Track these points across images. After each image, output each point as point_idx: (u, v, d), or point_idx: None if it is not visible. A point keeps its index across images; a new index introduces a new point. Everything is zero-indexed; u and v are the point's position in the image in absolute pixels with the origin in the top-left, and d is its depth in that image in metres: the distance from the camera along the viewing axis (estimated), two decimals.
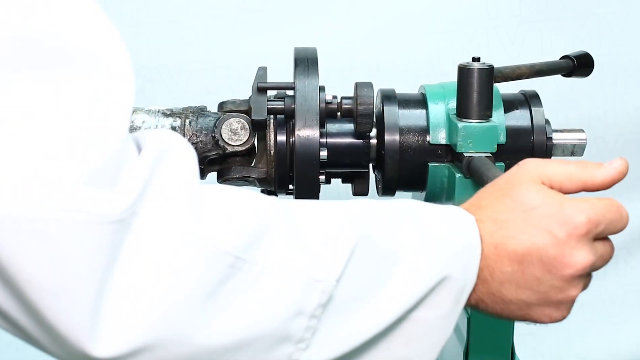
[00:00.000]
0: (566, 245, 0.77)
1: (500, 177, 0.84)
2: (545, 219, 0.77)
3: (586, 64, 1.21)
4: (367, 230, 0.74)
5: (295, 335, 0.70)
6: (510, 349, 1.09)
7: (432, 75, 1.61)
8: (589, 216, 0.78)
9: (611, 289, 1.97)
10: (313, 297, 0.70)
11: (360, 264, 0.72)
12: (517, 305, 0.79)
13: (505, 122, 1.11)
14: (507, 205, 0.79)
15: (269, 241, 0.69)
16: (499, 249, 0.77)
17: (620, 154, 1.95)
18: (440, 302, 0.75)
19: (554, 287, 0.78)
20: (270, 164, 1.11)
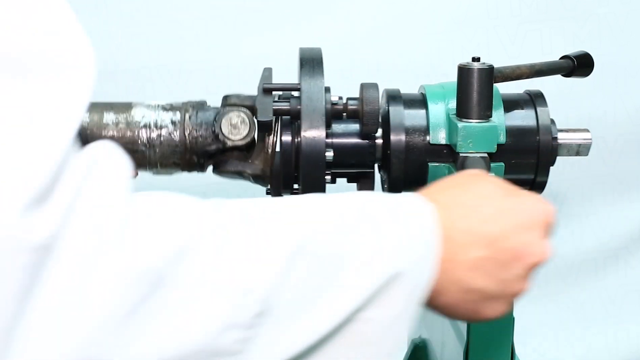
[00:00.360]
0: (537, 232, 0.77)
1: (455, 175, 0.83)
2: (519, 205, 0.77)
3: (586, 64, 1.21)
4: (311, 231, 0.71)
5: (228, 348, 0.67)
6: (510, 349, 1.09)
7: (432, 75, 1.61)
8: (550, 212, 0.79)
9: (611, 289, 1.97)
10: (247, 308, 0.67)
11: (302, 268, 0.69)
12: (476, 295, 0.76)
13: (506, 122, 1.11)
14: (477, 192, 0.78)
15: (199, 253, 0.66)
16: (471, 232, 0.75)
17: (620, 154, 1.97)
18: (392, 300, 0.72)
19: (517, 275, 0.77)
20: (267, 162, 1.11)
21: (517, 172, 1.12)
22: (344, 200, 0.75)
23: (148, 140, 1.12)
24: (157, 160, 1.13)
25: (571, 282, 1.96)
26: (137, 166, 1.14)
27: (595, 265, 1.97)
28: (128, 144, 1.12)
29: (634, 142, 1.90)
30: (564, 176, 1.87)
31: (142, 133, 1.12)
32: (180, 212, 0.68)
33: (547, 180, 1.15)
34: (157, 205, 0.68)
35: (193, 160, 1.13)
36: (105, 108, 1.14)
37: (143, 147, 1.12)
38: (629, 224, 1.96)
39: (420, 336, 1.38)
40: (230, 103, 1.13)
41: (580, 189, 1.92)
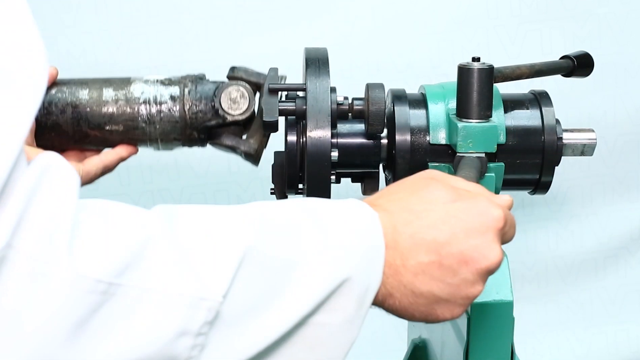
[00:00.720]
0: (485, 237, 0.76)
1: (408, 178, 0.82)
2: (466, 210, 0.76)
3: (586, 64, 1.21)
4: (259, 237, 0.71)
5: (180, 355, 0.67)
6: (510, 349, 1.09)
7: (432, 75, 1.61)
8: (503, 212, 0.78)
9: (611, 289, 1.97)
10: (198, 316, 0.67)
11: (251, 274, 0.70)
12: (427, 299, 0.76)
13: (512, 122, 1.11)
14: (424, 197, 0.77)
15: (148, 262, 0.66)
16: (417, 237, 0.75)
17: (620, 154, 1.97)
18: (342, 305, 0.72)
19: (466, 280, 0.76)
20: (261, 143, 1.11)
21: (522, 172, 1.13)
22: (290, 207, 0.76)
23: (148, 116, 1.11)
24: (158, 137, 1.12)
25: (571, 282, 1.96)
26: (137, 142, 1.14)
27: (595, 265, 1.97)
28: (128, 121, 1.11)
29: (634, 142, 1.90)
30: (564, 176, 1.87)
31: (141, 109, 1.11)
32: (128, 222, 0.68)
33: (552, 180, 1.15)
34: (105, 215, 0.68)
35: (193, 135, 1.12)
36: (104, 84, 1.13)
37: (143, 123, 1.11)
38: (629, 224, 1.96)
39: (420, 336, 1.38)
40: (236, 76, 1.13)
41: (580, 189, 1.92)
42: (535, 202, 1.90)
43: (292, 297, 0.71)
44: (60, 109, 1.11)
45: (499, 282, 1.06)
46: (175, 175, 1.63)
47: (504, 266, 1.06)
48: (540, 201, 1.90)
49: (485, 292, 1.05)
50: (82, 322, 0.63)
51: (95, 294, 0.63)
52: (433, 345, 1.30)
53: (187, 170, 1.15)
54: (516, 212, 0.83)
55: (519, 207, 1.89)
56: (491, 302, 1.05)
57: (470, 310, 1.05)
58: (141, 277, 0.66)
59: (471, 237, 0.75)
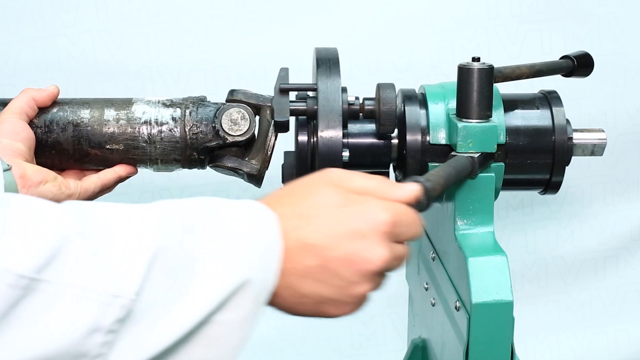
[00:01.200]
0: (368, 240, 0.79)
1: (302, 179, 0.85)
2: (350, 216, 0.80)
3: (586, 64, 1.21)
4: (168, 237, 0.73)
5: (91, 351, 0.69)
6: (510, 349, 1.09)
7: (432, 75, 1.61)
8: (390, 215, 0.80)
9: (611, 289, 1.97)
10: (111, 313, 0.69)
11: (160, 273, 0.72)
12: (312, 299, 0.81)
13: (521, 122, 1.12)
14: (313, 203, 0.81)
15: (67, 258, 0.68)
16: (303, 242, 0.79)
17: (621, 154, 1.97)
18: (240, 304, 0.76)
19: (350, 281, 0.80)
20: (264, 163, 1.11)
21: (533, 171, 1.13)
22: (194, 206, 0.79)
23: (149, 136, 1.12)
24: (158, 157, 1.13)
25: (571, 282, 1.96)
26: (137, 163, 1.14)
27: (595, 265, 1.97)
28: (129, 140, 1.12)
29: (634, 142, 1.90)
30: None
31: (142, 129, 1.12)
32: (48, 218, 0.70)
33: (562, 180, 1.15)
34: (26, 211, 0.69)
35: (193, 156, 1.13)
36: (106, 104, 1.14)
37: (144, 143, 1.12)
38: (629, 224, 1.96)
39: (420, 336, 1.38)
40: (235, 99, 1.13)
41: (580, 189, 1.92)
42: (535, 202, 1.90)
43: (196, 296, 0.74)
44: (62, 127, 1.12)
45: (499, 282, 1.06)
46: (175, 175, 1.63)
47: (504, 266, 1.06)
48: (540, 201, 1.90)
49: (485, 292, 1.05)
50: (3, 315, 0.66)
51: (17, 289, 0.66)
52: (433, 345, 1.30)
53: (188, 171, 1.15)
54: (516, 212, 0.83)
55: (519, 207, 1.89)
56: (491, 302, 1.05)
57: (470, 310, 1.05)
58: (60, 273, 0.68)
59: (354, 240, 0.79)
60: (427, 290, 1.27)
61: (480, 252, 1.07)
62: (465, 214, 1.10)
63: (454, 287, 1.12)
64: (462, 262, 1.07)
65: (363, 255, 0.79)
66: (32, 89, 1.12)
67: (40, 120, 1.12)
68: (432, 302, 1.24)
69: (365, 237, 0.79)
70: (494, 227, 1.12)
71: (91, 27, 1.73)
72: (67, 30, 1.72)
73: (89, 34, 1.73)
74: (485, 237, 1.10)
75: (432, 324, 1.27)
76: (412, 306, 1.44)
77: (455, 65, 1.09)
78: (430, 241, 1.25)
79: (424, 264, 1.29)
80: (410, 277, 1.41)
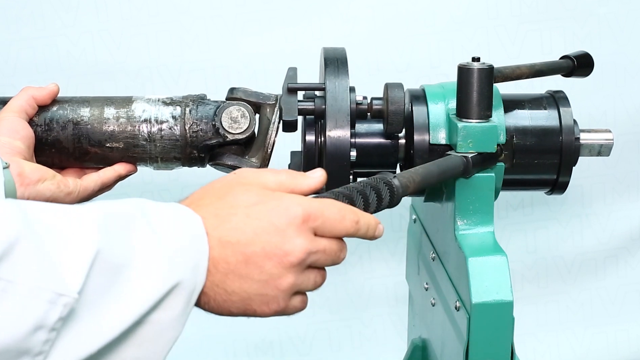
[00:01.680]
0: (285, 233, 0.82)
1: (217, 181, 0.87)
2: (266, 211, 0.82)
3: (586, 64, 1.21)
4: (105, 238, 0.75)
5: (34, 348, 0.71)
6: (510, 349, 1.09)
7: (432, 75, 1.61)
8: (304, 208, 0.83)
9: (611, 289, 1.97)
10: (55, 311, 0.71)
11: (99, 274, 0.74)
12: (239, 296, 0.82)
13: (528, 123, 1.12)
14: (229, 202, 0.83)
15: (15, 256, 0.69)
16: (223, 241, 0.81)
17: (620, 154, 1.97)
18: (172, 304, 0.78)
19: (273, 275, 0.82)
20: (264, 161, 1.11)
21: (540, 172, 1.13)
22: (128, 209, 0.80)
23: (149, 134, 1.12)
24: (158, 155, 1.13)
25: (571, 282, 1.96)
26: (137, 161, 1.14)
27: (595, 265, 1.97)
28: (129, 138, 1.12)
29: (634, 142, 1.90)
30: None
31: (142, 127, 1.12)
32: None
33: (569, 180, 1.15)
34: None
35: (193, 154, 1.13)
36: (106, 102, 1.14)
37: (144, 141, 1.12)
38: (629, 224, 1.95)
39: (420, 336, 1.38)
40: (235, 97, 1.13)
41: (580, 189, 1.92)
42: (535, 202, 1.90)
43: (132, 297, 0.76)
44: (62, 125, 1.12)
45: (499, 282, 1.06)
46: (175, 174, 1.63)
47: (504, 266, 1.06)
48: (541, 201, 1.90)
49: (485, 292, 1.05)
50: None
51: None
52: (433, 345, 1.30)
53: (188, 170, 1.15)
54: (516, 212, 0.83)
55: (519, 207, 1.89)
56: (491, 302, 1.05)
57: (470, 310, 1.05)
58: (10, 270, 0.69)
59: (271, 234, 0.82)
60: (427, 290, 1.27)
61: (480, 252, 1.07)
62: (465, 214, 1.10)
63: (454, 287, 1.12)
64: (462, 262, 1.07)
65: (283, 248, 0.82)
66: (32, 87, 1.12)
67: (40, 118, 1.12)
68: (432, 302, 1.24)
69: (282, 230, 0.82)
70: (494, 227, 1.12)
71: (91, 27, 1.73)
72: (67, 30, 1.72)
73: (89, 34, 1.73)
74: (485, 237, 1.10)
75: (432, 324, 1.27)
76: (412, 306, 1.44)
77: (455, 65, 1.09)
78: (430, 241, 1.25)
79: (424, 264, 1.29)
80: (410, 277, 1.41)
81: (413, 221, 1.36)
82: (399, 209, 1.81)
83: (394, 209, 0.94)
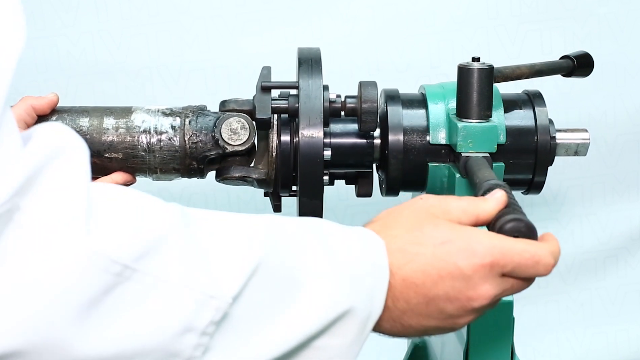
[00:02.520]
0: (471, 279, 0.78)
1: (405, 207, 0.84)
2: (453, 253, 0.78)
3: (586, 64, 1.21)
4: (273, 249, 0.72)
5: (184, 352, 0.67)
6: (510, 349, 1.09)
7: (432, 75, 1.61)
8: (493, 254, 0.78)
9: (611, 289, 1.97)
10: (205, 313, 0.68)
11: (263, 284, 0.71)
12: (415, 329, 0.81)
13: (506, 122, 1.11)
14: (417, 238, 0.79)
15: (164, 253, 0.66)
16: (408, 282, 0.78)
17: (621, 154, 1.97)
18: (344, 331, 0.75)
19: (453, 316, 0.80)
20: (270, 166, 1.11)
21: (516, 172, 1.12)
22: (304, 224, 0.78)
23: (148, 145, 1.11)
24: (157, 166, 1.12)
25: (571, 282, 1.96)
26: (136, 172, 1.14)
27: (595, 265, 1.97)
28: (128, 149, 1.11)
29: (634, 142, 1.90)
30: (564, 176, 1.87)
31: (142, 138, 1.11)
32: (149, 210, 0.68)
33: (544, 180, 1.15)
34: (126, 198, 0.68)
35: (193, 165, 1.12)
36: (105, 112, 1.13)
37: (143, 152, 1.11)
38: (629, 224, 1.95)
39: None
40: (228, 109, 1.12)
41: (580, 189, 1.91)
42: (535, 202, 1.90)
43: (297, 318, 0.72)
44: None
45: None
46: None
47: None
48: (540, 201, 1.90)
49: None
50: (93, 302, 0.63)
51: (109, 274, 0.63)
52: (433, 345, 1.30)
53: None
54: None
55: None
56: None
57: None
58: (157, 266, 0.66)
59: (455, 279, 0.78)
60: None
61: None
62: None
63: None
64: None
65: (467, 294, 0.78)
66: (31, 97, 1.11)
67: None
68: None
69: (468, 276, 0.78)
70: None
71: (91, 27, 1.73)
72: (67, 30, 1.72)
73: (89, 34, 1.73)
74: None
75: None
76: None
77: (455, 65, 1.09)
78: None
79: None
80: None
81: None
82: None
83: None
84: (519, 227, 0.80)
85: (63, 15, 1.72)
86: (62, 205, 0.62)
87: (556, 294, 1.96)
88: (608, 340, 1.97)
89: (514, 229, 0.80)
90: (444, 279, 0.78)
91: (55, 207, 0.62)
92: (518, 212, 0.82)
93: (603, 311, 1.98)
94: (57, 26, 1.72)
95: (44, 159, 0.62)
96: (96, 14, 1.73)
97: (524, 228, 0.80)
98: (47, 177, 0.62)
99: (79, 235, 0.62)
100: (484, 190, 0.87)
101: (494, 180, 0.90)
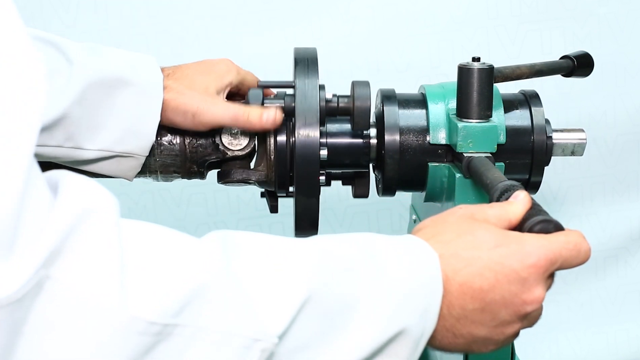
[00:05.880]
0: (526, 281, 0.78)
1: (448, 215, 0.83)
2: (509, 255, 0.78)
3: (586, 64, 1.21)
4: (322, 279, 0.71)
5: None
6: (510, 349, 1.09)
7: (432, 75, 1.61)
8: (546, 254, 0.79)
9: (611, 289, 1.97)
10: (251, 357, 0.66)
11: (312, 316, 0.70)
12: (465, 339, 0.79)
13: (505, 122, 1.11)
14: (470, 242, 0.79)
15: (203, 302, 0.64)
16: (465, 286, 0.77)
17: (621, 154, 1.97)
18: (397, 351, 0.74)
19: (504, 322, 0.79)
20: (270, 167, 1.11)
21: (512, 172, 1.12)
22: (354, 244, 0.76)
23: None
24: (158, 169, 1.12)
25: (571, 282, 1.96)
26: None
27: (595, 266, 1.97)
28: None
29: (634, 142, 1.90)
30: (564, 176, 1.87)
31: None
32: (186, 255, 0.66)
33: (541, 180, 1.15)
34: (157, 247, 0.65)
35: (193, 169, 1.12)
36: None
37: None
38: (629, 224, 1.96)
39: None
40: None
41: (580, 189, 1.92)
42: None
43: (349, 345, 0.71)
44: None
45: None
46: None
47: None
48: (540, 201, 1.89)
49: None
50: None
51: (148, 336, 0.62)
52: None
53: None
54: None
55: None
56: None
57: None
58: (197, 316, 0.64)
59: (512, 282, 0.78)
60: None
61: None
62: None
63: None
64: None
65: (522, 297, 0.78)
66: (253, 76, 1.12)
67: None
68: None
69: (523, 278, 0.78)
70: None
71: (91, 27, 1.73)
72: (67, 30, 1.72)
73: (89, 34, 1.73)
74: None
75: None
76: None
77: (455, 65, 1.09)
78: None
79: None
80: None
81: (413, 221, 1.36)
82: (399, 208, 1.81)
83: (394, 209, 0.95)
84: (548, 228, 0.82)
85: (63, 15, 1.72)
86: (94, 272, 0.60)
87: (556, 294, 1.96)
88: (608, 340, 1.97)
89: (543, 230, 0.81)
90: (500, 282, 0.77)
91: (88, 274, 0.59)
92: (543, 213, 0.83)
93: (603, 311, 1.98)
94: (57, 26, 1.72)
95: (74, 221, 0.59)
96: (96, 14, 1.73)
97: (552, 229, 0.82)
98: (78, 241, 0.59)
99: (114, 303, 0.60)
100: (501, 191, 0.88)
101: (509, 181, 0.90)
